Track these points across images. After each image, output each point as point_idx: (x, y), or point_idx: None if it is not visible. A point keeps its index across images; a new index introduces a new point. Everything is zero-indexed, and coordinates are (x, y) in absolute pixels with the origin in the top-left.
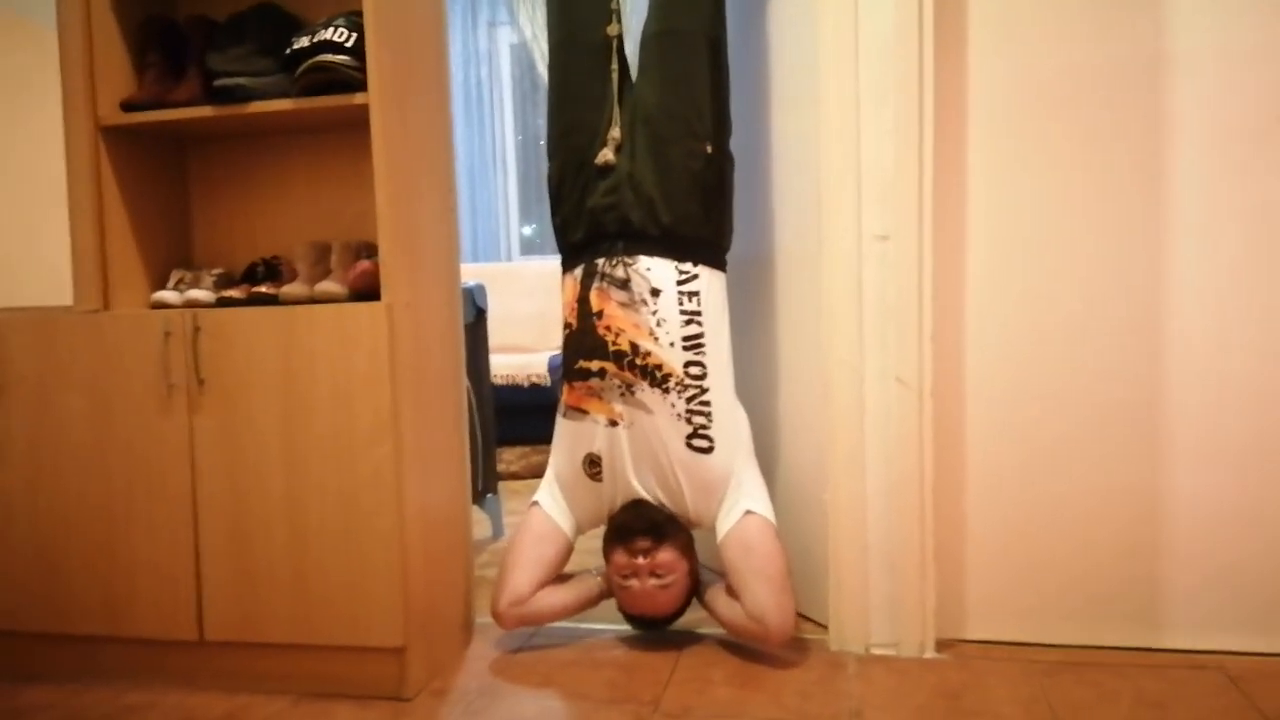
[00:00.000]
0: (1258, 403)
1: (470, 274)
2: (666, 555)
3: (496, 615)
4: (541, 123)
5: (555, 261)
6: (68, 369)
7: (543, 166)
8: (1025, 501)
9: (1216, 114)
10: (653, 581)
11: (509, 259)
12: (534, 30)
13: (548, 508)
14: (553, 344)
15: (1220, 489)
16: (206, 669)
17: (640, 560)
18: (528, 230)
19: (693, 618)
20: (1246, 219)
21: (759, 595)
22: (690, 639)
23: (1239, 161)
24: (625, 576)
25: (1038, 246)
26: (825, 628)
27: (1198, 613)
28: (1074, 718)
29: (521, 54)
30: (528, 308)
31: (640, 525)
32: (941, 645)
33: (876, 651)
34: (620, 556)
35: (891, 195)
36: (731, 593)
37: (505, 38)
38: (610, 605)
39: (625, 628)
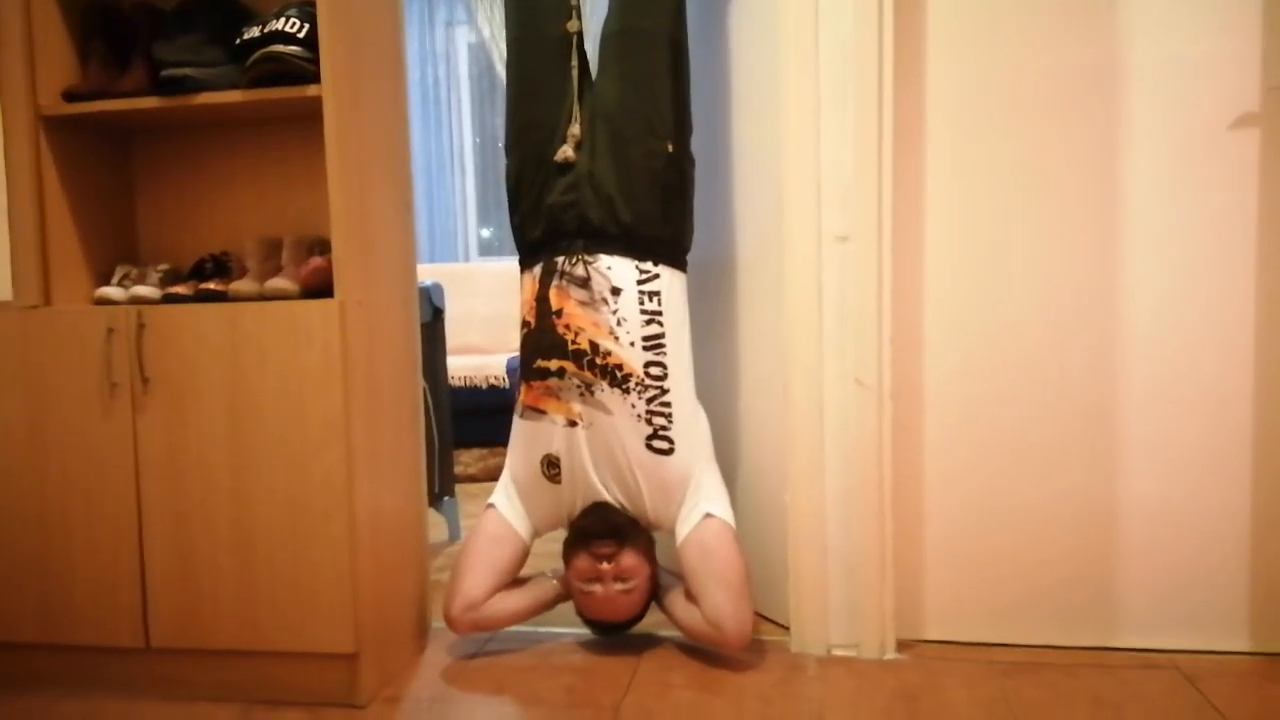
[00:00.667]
0: (1210, 406)
1: (427, 275)
2: (630, 560)
3: (449, 620)
4: (500, 122)
5: (513, 263)
6: (3, 366)
7: (501, 168)
8: (983, 503)
9: (1169, 122)
10: (616, 586)
11: (466, 260)
12: (492, 30)
13: (503, 510)
14: (510, 346)
15: (1173, 491)
16: (150, 677)
17: (604, 565)
18: (485, 232)
19: (652, 621)
20: (1198, 225)
21: (717, 600)
22: (650, 642)
23: (1191, 169)
24: (588, 581)
25: (995, 249)
26: (786, 629)
27: (1151, 612)
28: (1032, 719)
29: (479, 53)
30: (485, 309)
31: (604, 529)
32: (901, 646)
33: (837, 653)
34: (583, 561)
35: (851, 197)
36: (690, 597)
37: (463, 37)
38: (569, 609)
39: (583, 631)
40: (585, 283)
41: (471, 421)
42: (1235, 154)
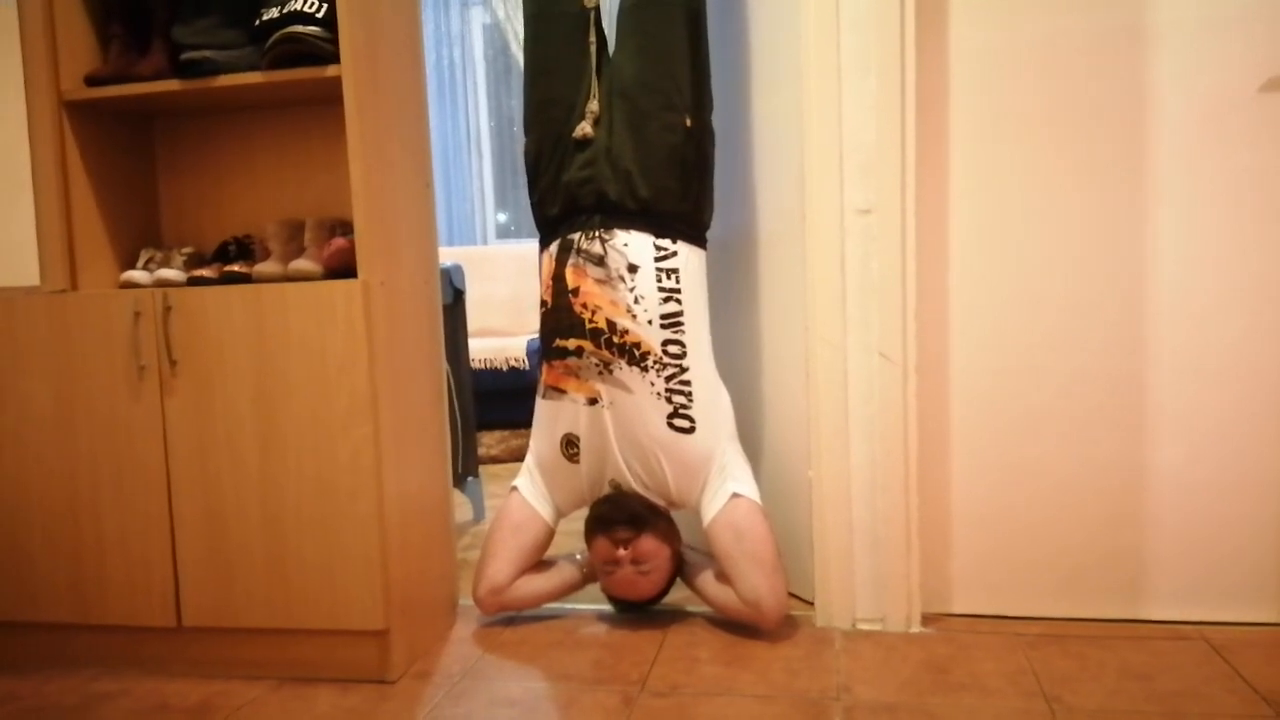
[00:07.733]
0: (1238, 374)
1: (446, 257)
2: (647, 544)
3: (477, 601)
4: (515, 104)
5: (532, 245)
6: (32, 351)
7: (517, 150)
8: (1009, 476)
9: (1197, 83)
10: (634, 569)
11: (484, 242)
12: (507, 10)
13: (527, 493)
14: (530, 328)
15: (1201, 461)
16: (182, 656)
17: (621, 551)
18: (502, 216)
19: (677, 596)
20: (1228, 189)
21: (753, 580)
22: (675, 617)
23: (1220, 131)
24: (608, 564)
25: (1020, 218)
26: (811, 604)
27: (1180, 584)
28: (1060, 690)
29: (494, 35)
30: (504, 292)
31: (620, 516)
32: (927, 619)
33: (863, 627)
34: (601, 545)
35: (874, 169)
36: (720, 577)
37: (478, 18)
38: (594, 583)
39: (609, 607)
40: (601, 260)
41: (493, 403)
42: (1265, 116)
